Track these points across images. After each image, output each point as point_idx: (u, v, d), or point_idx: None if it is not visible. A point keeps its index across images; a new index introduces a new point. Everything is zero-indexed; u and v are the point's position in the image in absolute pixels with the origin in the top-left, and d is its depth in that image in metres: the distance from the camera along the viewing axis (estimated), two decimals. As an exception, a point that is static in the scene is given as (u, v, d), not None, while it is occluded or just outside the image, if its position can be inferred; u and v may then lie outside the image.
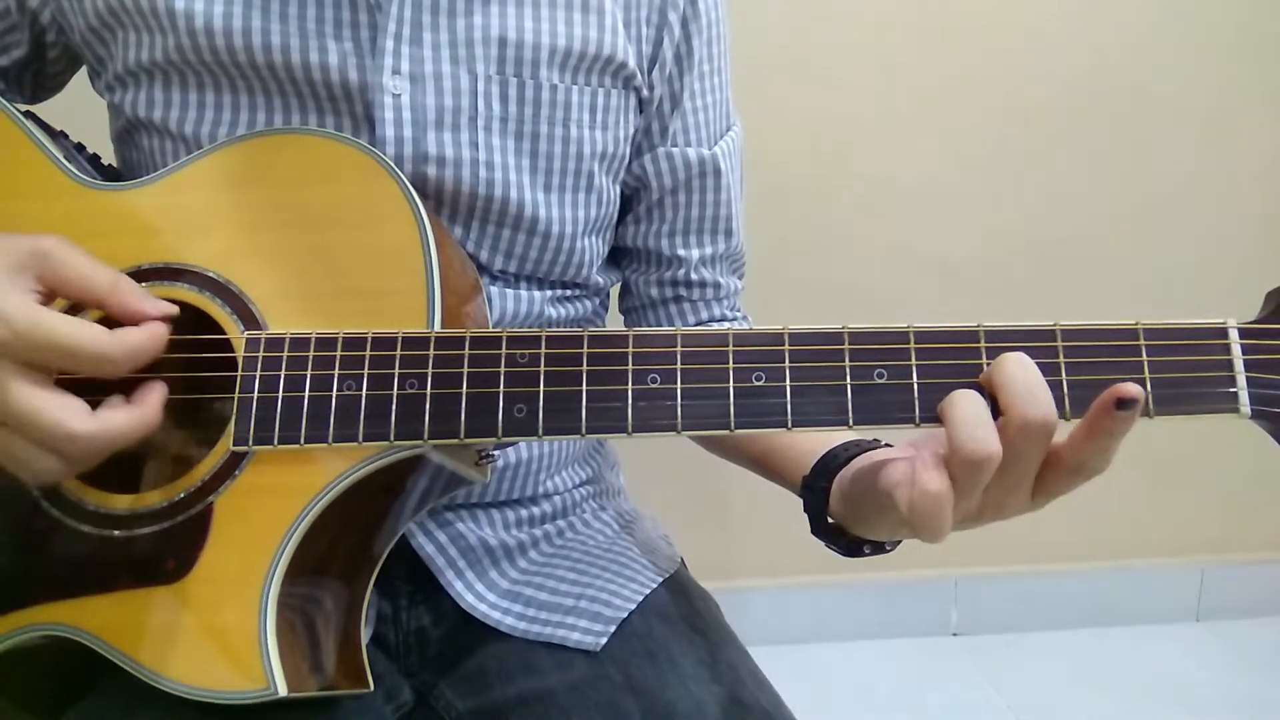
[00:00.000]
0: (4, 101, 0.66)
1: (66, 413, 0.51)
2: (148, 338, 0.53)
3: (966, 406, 0.49)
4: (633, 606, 0.71)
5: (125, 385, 0.55)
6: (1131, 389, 0.47)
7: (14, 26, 0.72)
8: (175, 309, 0.56)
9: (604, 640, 0.69)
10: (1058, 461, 0.50)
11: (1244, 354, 0.51)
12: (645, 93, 0.74)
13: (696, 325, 0.83)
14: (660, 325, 0.83)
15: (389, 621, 0.73)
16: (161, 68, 0.66)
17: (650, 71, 0.74)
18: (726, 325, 0.83)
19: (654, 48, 0.74)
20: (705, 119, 0.78)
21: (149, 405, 0.54)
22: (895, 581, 1.77)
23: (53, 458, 0.51)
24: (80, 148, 0.71)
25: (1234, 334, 0.51)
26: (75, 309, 0.56)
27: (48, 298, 0.53)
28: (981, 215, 1.63)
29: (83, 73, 0.76)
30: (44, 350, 0.50)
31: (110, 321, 0.54)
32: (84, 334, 0.51)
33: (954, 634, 1.80)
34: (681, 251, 0.80)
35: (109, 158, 0.74)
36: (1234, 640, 1.79)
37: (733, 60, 0.81)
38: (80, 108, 0.76)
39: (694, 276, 0.81)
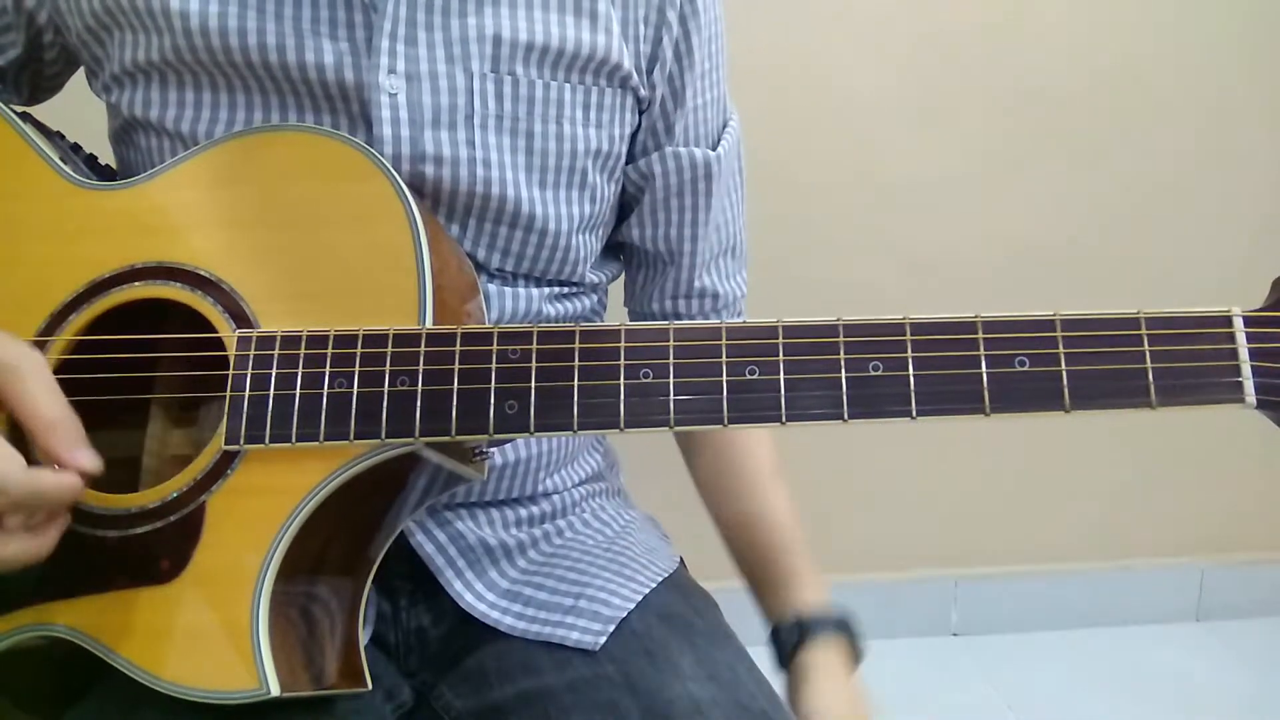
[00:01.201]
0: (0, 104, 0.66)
1: None
2: (58, 487, 0.53)
3: None
4: (632, 606, 0.71)
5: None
6: None
7: (10, 26, 0.72)
8: (99, 465, 0.55)
9: (603, 640, 0.68)
10: None
11: (1249, 342, 0.50)
12: (644, 93, 0.74)
13: None
14: None
15: (388, 621, 0.73)
16: (158, 67, 0.66)
17: (650, 72, 0.74)
18: (730, 313, 0.83)
19: (653, 47, 0.74)
20: (706, 116, 0.78)
21: (44, 537, 0.53)
22: (895, 581, 1.77)
23: None
24: (76, 148, 0.71)
25: (1239, 322, 0.51)
26: None
27: None
28: (982, 215, 1.63)
29: (80, 72, 0.76)
30: None
31: None
32: None
33: (954, 634, 1.80)
34: (686, 251, 0.80)
35: (106, 158, 0.74)
36: (1234, 640, 1.78)
37: (733, 60, 0.81)
38: (77, 107, 0.76)
39: (696, 283, 0.82)
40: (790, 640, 0.80)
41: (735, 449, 0.86)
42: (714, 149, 0.79)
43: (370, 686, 0.61)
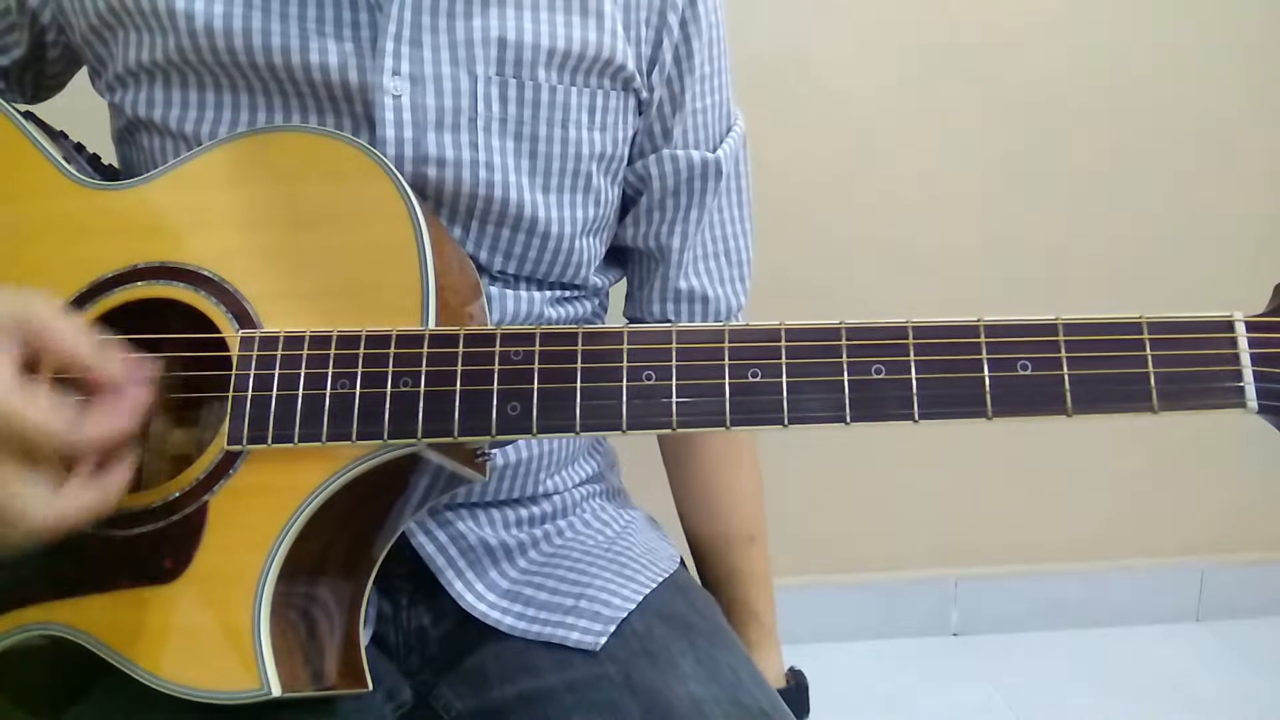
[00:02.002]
0: (3, 103, 0.66)
1: (27, 504, 0.50)
2: (115, 425, 0.53)
3: None
4: (632, 606, 0.71)
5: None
6: None
7: (14, 26, 0.72)
8: (158, 369, 0.55)
9: (603, 640, 0.68)
10: None
11: (1251, 347, 0.50)
12: (645, 94, 0.74)
13: None
14: None
15: (389, 621, 0.73)
16: (162, 67, 0.66)
17: (650, 73, 0.74)
18: (727, 320, 0.83)
19: (653, 49, 0.73)
20: (706, 120, 0.78)
21: (111, 484, 0.53)
22: (895, 581, 1.77)
23: (19, 535, 0.51)
24: (80, 148, 0.71)
25: (1240, 327, 0.51)
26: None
27: (31, 359, 0.52)
28: (983, 217, 1.63)
29: (83, 72, 0.76)
30: (10, 432, 0.50)
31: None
32: (50, 423, 0.50)
33: (954, 634, 1.80)
34: (674, 248, 0.80)
35: (110, 158, 0.74)
36: (1234, 640, 1.79)
37: (733, 61, 0.80)
38: (81, 107, 0.76)
39: (683, 284, 0.81)
40: None
41: (724, 474, 0.88)
42: (713, 152, 0.79)
43: (371, 687, 0.61)
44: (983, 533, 1.78)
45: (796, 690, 0.87)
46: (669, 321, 0.83)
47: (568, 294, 0.76)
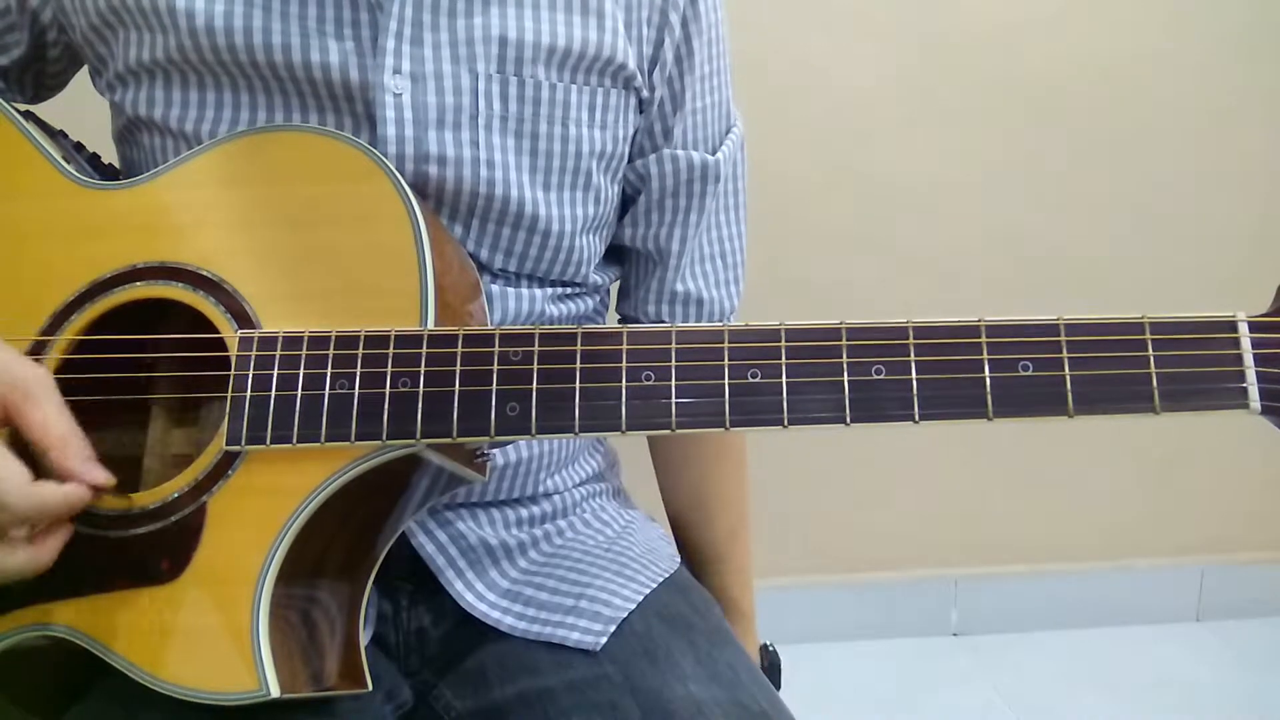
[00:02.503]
0: (2, 102, 0.66)
1: None
2: (60, 501, 0.54)
3: None
4: (632, 606, 0.71)
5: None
6: None
7: (14, 26, 0.72)
8: (113, 481, 0.56)
9: (604, 640, 0.68)
10: None
11: (1254, 348, 0.50)
12: (645, 93, 0.74)
13: None
14: None
15: (389, 621, 0.73)
16: (163, 66, 0.66)
17: (651, 72, 0.74)
18: (721, 323, 0.83)
19: (654, 48, 0.73)
20: (706, 119, 0.78)
21: (46, 550, 0.55)
22: (895, 581, 1.77)
23: None
24: (79, 147, 0.70)
25: (1243, 327, 0.51)
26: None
27: (3, 424, 0.55)
28: (982, 216, 1.63)
29: (83, 71, 0.76)
30: None
31: None
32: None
33: (954, 634, 1.80)
34: (673, 252, 0.80)
35: (109, 157, 0.74)
36: (1234, 640, 1.78)
37: (734, 61, 0.80)
38: (81, 107, 0.76)
39: (679, 286, 0.81)
40: None
41: (716, 473, 0.90)
42: (713, 154, 0.79)
43: (370, 688, 0.61)
44: (983, 533, 1.78)
45: (770, 669, 0.88)
46: (661, 323, 0.82)
47: (568, 292, 0.76)
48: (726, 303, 0.84)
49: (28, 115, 0.67)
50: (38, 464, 0.54)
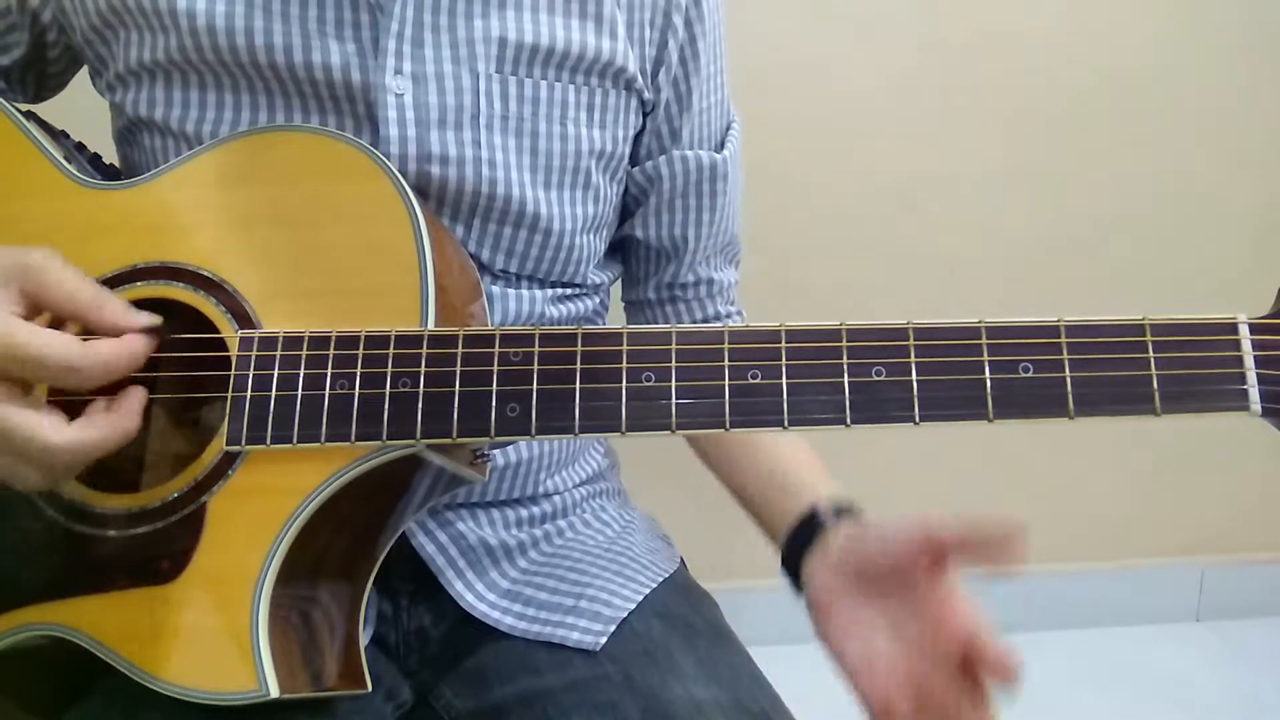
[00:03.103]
0: (4, 102, 0.66)
1: (40, 426, 0.51)
2: (120, 350, 0.53)
3: None
4: (632, 606, 0.71)
5: (111, 390, 0.55)
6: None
7: (14, 26, 0.72)
8: (158, 319, 0.56)
9: (604, 640, 0.68)
10: None
11: (1254, 350, 0.50)
12: (648, 95, 0.74)
13: (691, 324, 0.84)
14: (656, 323, 0.84)
15: (389, 621, 0.73)
16: (163, 67, 0.66)
17: (655, 75, 0.74)
18: (722, 323, 0.83)
19: (658, 50, 0.73)
20: (711, 118, 0.78)
21: (127, 413, 0.54)
22: (895, 581, 1.77)
23: (32, 468, 0.52)
24: (81, 147, 0.70)
25: (1244, 329, 0.51)
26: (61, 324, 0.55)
27: (31, 311, 0.53)
28: (983, 216, 1.63)
29: (84, 71, 0.76)
30: (13, 362, 0.50)
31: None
32: (53, 346, 0.51)
33: (954, 634, 1.79)
34: (689, 249, 0.81)
35: (110, 157, 0.74)
36: (1234, 640, 1.79)
37: (735, 61, 0.81)
38: (82, 107, 0.76)
39: (689, 277, 0.82)
40: (798, 545, 0.68)
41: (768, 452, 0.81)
42: (719, 151, 0.79)
43: (370, 688, 0.61)
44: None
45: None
46: (673, 301, 0.84)
47: (568, 292, 0.76)
48: (732, 278, 0.86)
49: (29, 115, 0.67)
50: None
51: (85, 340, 0.52)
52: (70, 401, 0.54)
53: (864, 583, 0.62)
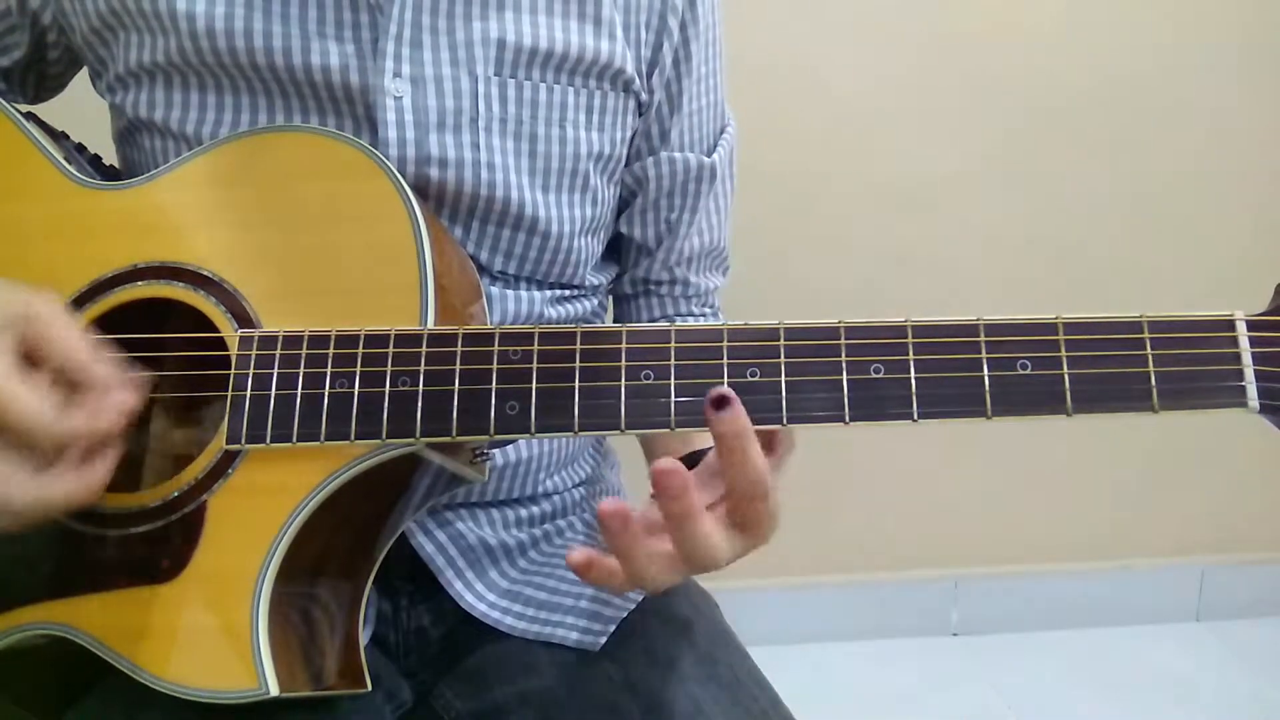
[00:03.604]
0: (4, 103, 0.66)
1: (7, 484, 0.51)
2: (94, 423, 0.53)
3: None
4: (632, 606, 0.71)
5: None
6: (722, 390, 0.49)
7: (15, 27, 0.72)
8: (149, 381, 0.56)
9: (603, 640, 0.69)
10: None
11: (1252, 346, 0.50)
12: (644, 96, 0.74)
13: (660, 319, 0.84)
14: (630, 319, 0.85)
15: (388, 621, 0.73)
16: (163, 69, 0.66)
17: (650, 76, 0.74)
18: (720, 321, 0.83)
19: (653, 52, 0.74)
20: (702, 120, 0.78)
21: (94, 473, 0.53)
22: (895, 581, 1.77)
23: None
24: (81, 148, 0.71)
25: (1241, 326, 0.51)
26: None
27: (27, 358, 0.53)
28: (983, 216, 1.63)
29: (84, 72, 0.76)
30: None
31: None
32: (29, 409, 0.50)
33: (954, 634, 1.80)
34: (664, 246, 0.81)
35: (111, 158, 0.74)
36: (1234, 640, 1.79)
37: (733, 61, 0.81)
38: (82, 108, 0.76)
39: (664, 275, 0.83)
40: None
41: None
42: (709, 155, 0.79)
43: (370, 688, 0.61)
44: (983, 533, 1.78)
45: None
46: (647, 294, 0.84)
47: (567, 293, 0.77)
48: (711, 285, 0.86)
49: (29, 116, 0.67)
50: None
51: (68, 408, 0.52)
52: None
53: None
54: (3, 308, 0.52)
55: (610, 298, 0.87)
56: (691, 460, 0.64)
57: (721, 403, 0.48)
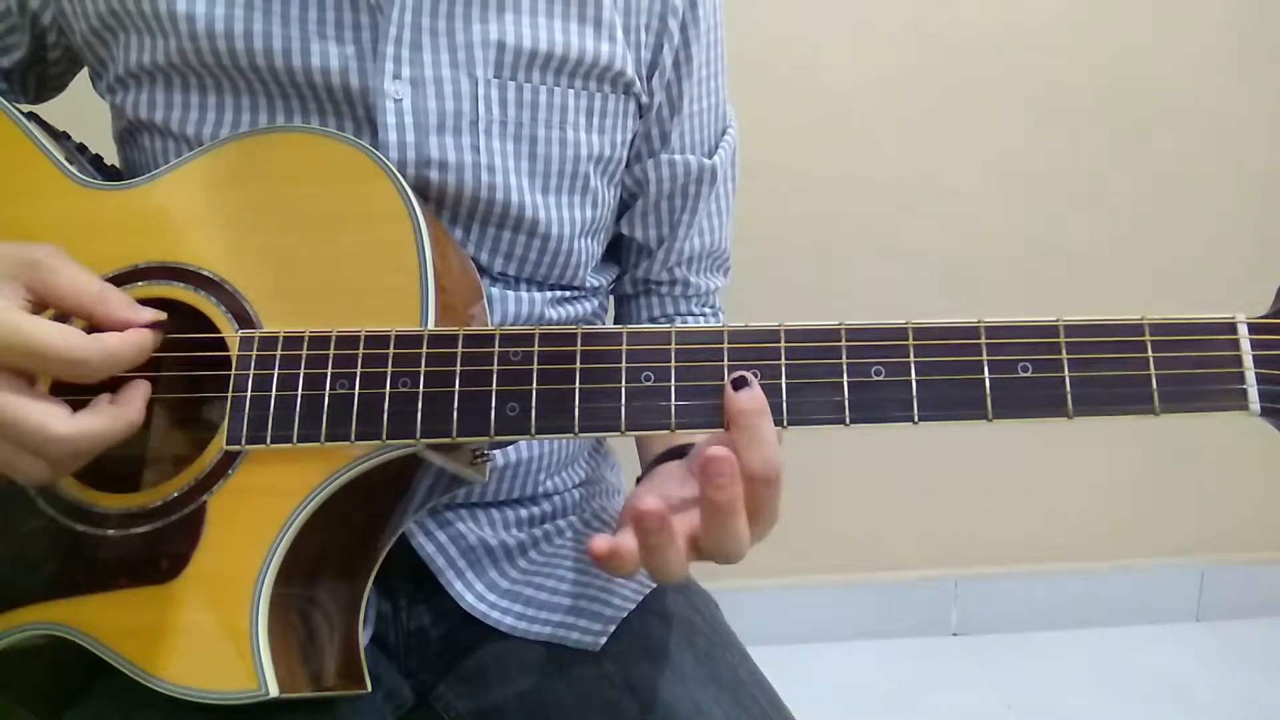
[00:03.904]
0: (5, 103, 0.66)
1: (46, 416, 0.51)
2: (126, 343, 0.53)
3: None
4: (632, 606, 0.71)
5: (115, 386, 0.55)
6: (743, 373, 0.52)
7: (15, 28, 0.72)
8: (162, 315, 0.56)
9: (604, 640, 0.68)
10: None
11: (1253, 349, 0.50)
12: (645, 99, 0.74)
13: (660, 318, 0.84)
14: (631, 318, 0.85)
15: (389, 621, 0.73)
16: (163, 70, 0.66)
17: (650, 78, 0.74)
18: (720, 322, 0.83)
19: (653, 54, 0.74)
20: (703, 122, 0.78)
21: (131, 405, 0.54)
22: (895, 581, 1.77)
23: (36, 460, 0.52)
24: (82, 148, 0.71)
25: (1243, 329, 0.51)
26: (66, 318, 0.55)
27: (37, 306, 0.53)
28: (983, 217, 1.63)
29: (84, 73, 0.76)
30: (19, 354, 0.50)
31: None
32: (57, 338, 0.51)
33: (954, 634, 1.80)
34: (664, 248, 0.81)
35: (111, 158, 0.74)
36: (1234, 640, 1.79)
37: (734, 61, 0.81)
38: (83, 108, 0.76)
39: (664, 275, 0.83)
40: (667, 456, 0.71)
41: None
42: (710, 157, 0.79)
43: (370, 688, 0.61)
44: (983, 533, 1.78)
45: None
46: (648, 293, 0.84)
47: (567, 294, 0.77)
48: (712, 285, 0.86)
49: (30, 116, 0.67)
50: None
51: (91, 334, 0.52)
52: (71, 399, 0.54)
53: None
54: (2, 259, 0.53)
55: (610, 298, 0.87)
56: (678, 452, 0.65)
57: (740, 382, 0.51)
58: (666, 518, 0.50)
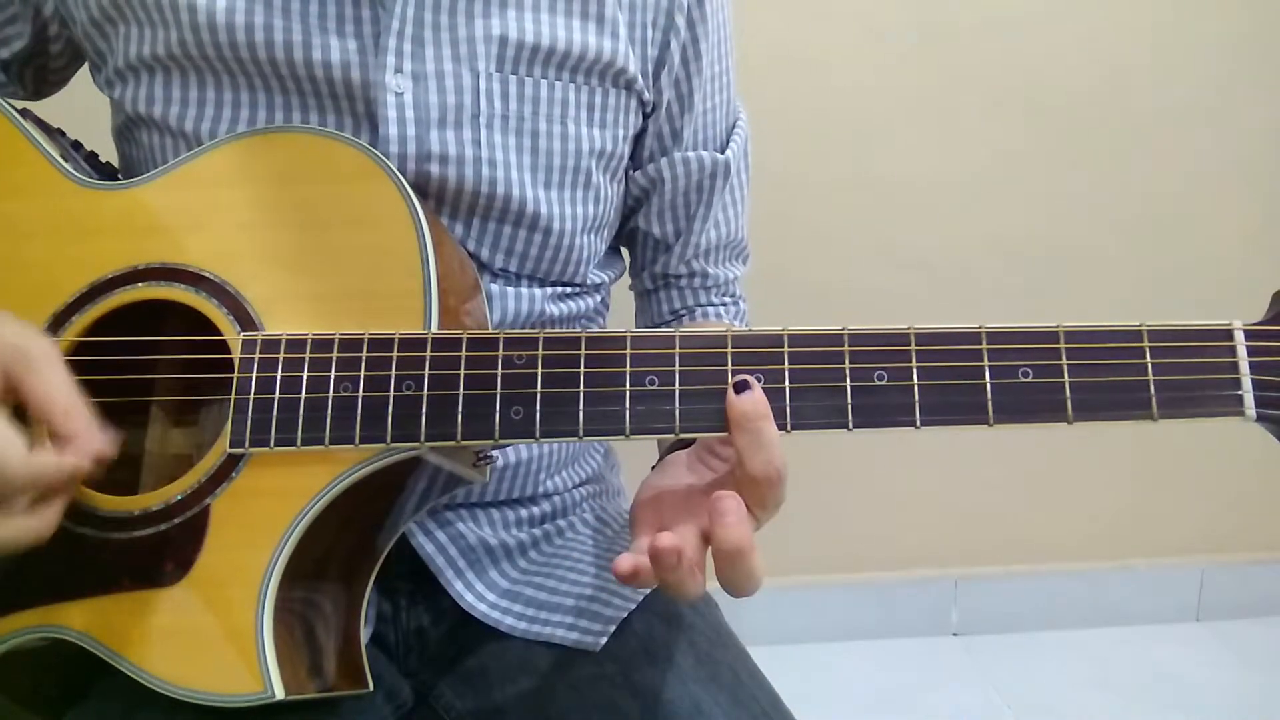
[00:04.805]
0: (0, 99, 0.66)
1: None
2: (53, 466, 0.52)
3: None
4: (632, 606, 0.71)
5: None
6: (745, 377, 0.53)
7: (16, 17, 0.72)
8: (110, 452, 0.54)
9: (604, 640, 0.68)
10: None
11: (1250, 356, 0.50)
12: (649, 96, 0.74)
13: (681, 310, 0.85)
14: (651, 312, 0.86)
15: (389, 621, 0.73)
16: (163, 62, 0.66)
17: (657, 76, 0.74)
18: (725, 326, 0.83)
19: (660, 50, 0.73)
20: (715, 119, 0.79)
21: (46, 516, 0.52)
22: (895, 581, 1.77)
23: None
24: (78, 145, 0.70)
25: (1240, 335, 0.51)
26: None
27: (6, 394, 0.52)
28: (983, 217, 1.63)
29: (84, 69, 0.75)
30: None
31: None
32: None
33: (954, 634, 1.80)
34: (682, 241, 0.81)
35: (108, 154, 0.73)
36: (1234, 640, 1.79)
37: (737, 60, 0.81)
38: (79, 104, 0.76)
39: (682, 269, 0.83)
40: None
41: None
42: (722, 151, 0.79)
43: (372, 688, 0.61)
44: (983, 533, 1.78)
45: None
46: (667, 288, 0.85)
47: (568, 291, 0.76)
48: (731, 274, 0.86)
49: (24, 113, 0.67)
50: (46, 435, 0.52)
51: (31, 452, 0.51)
52: None
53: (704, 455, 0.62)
54: None
55: (611, 294, 0.86)
56: (680, 443, 0.65)
57: (743, 386, 0.52)
58: (682, 552, 0.50)
